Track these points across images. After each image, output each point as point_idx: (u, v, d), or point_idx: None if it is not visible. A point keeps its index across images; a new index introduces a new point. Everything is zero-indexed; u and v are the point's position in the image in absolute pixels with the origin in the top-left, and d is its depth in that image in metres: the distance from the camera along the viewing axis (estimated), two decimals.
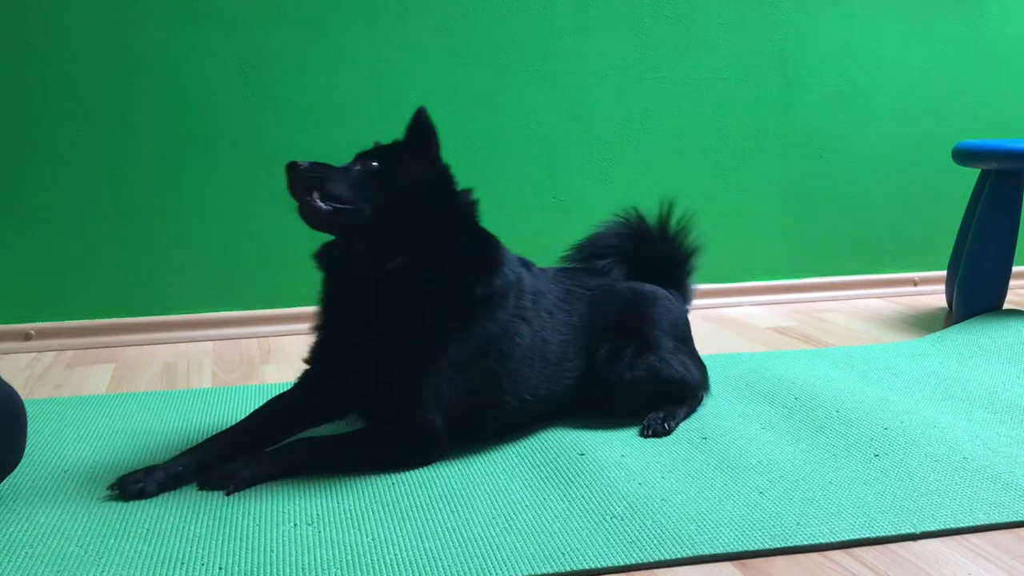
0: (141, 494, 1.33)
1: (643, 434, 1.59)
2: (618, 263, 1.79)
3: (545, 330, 1.59)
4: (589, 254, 1.80)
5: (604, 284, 1.73)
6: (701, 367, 1.76)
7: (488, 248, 1.57)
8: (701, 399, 1.73)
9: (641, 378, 1.63)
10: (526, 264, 1.66)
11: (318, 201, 1.43)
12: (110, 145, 2.25)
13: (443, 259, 1.50)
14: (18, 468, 1.42)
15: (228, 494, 1.34)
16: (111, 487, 1.35)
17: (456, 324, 1.48)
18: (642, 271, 1.80)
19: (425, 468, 1.45)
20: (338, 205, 1.45)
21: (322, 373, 1.54)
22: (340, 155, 2.39)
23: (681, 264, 1.87)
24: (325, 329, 1.55)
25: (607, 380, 1.63)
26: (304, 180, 1.43)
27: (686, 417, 1.67)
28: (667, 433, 1.60)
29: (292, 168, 1.44)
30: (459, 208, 1.55)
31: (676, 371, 1.67)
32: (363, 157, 1.53)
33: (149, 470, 1.37)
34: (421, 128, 1.54)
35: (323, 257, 1.53)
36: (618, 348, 1.65)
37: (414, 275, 1.48)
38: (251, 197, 2.36)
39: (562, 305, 1.65)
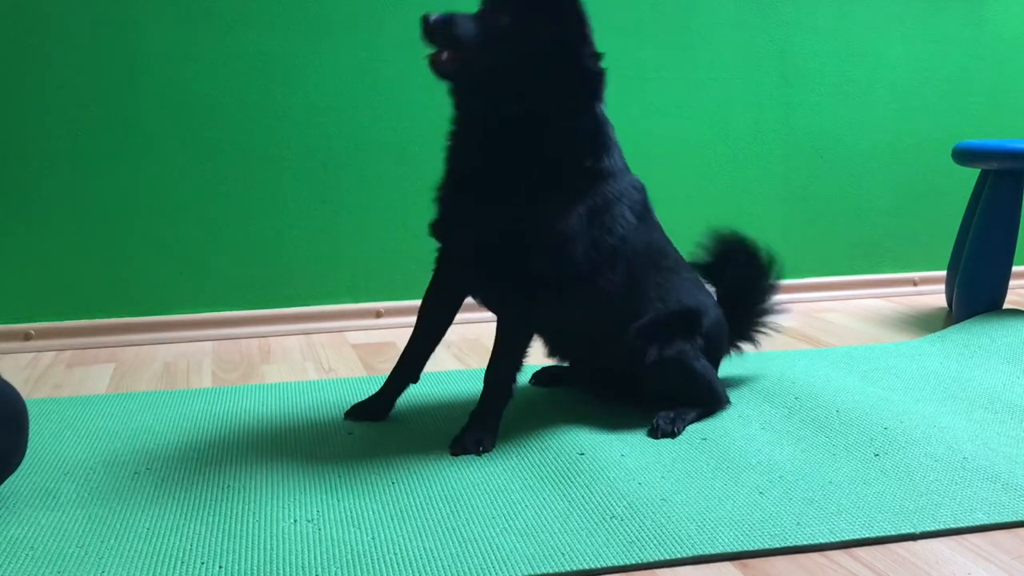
0: (369, 417, 1.67)
1: (652, 435, 1.59)
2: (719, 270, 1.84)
3: (647, 230, 1.64)
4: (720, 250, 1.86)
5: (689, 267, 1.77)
6: (719, 384, 1.75)
7: (603, 129, 1.58)
8: (715, 409, 1.71)
9: (668, 358, 1.62)
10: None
11: (444, 58, 1.48)
12: (110, 145, 2.25)
13: (557, 122, 1.52)
14: (18, 468, 1.42)
15: (480, 454, 1.50)
16: (348, 415, 1.68)
17: (563, 189, 1.52)
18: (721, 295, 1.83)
19: (425, 468, 1.45)
20: (463, 64, 1.49)
21: (446, 248, 1.64)
22: (340, 154, 2.41)
23: (757, 316, 1.87)
24: (447, 167, 1.60)
25: (639, 352, 1.62)
26: (433, 35, 1.47)
27: (696, 420, 1.66)
28: (674, 435, 1.59)
29: (424, 22, 1.47)
30: (583, 79, 1.55)
31: (703, 366, 1.67)
32: (495, 5, 1.52)
33: (366, 404, 1.68)
34: None
35: (453, 91, 1.58)
36: (663, 325, 1.64)
37: (526, 130, 1.51)
38: (251, 197, 2.36)
39: (659, 238, 1.70)
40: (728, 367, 1.98)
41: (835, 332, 2.39)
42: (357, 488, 1.37)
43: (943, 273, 2.81)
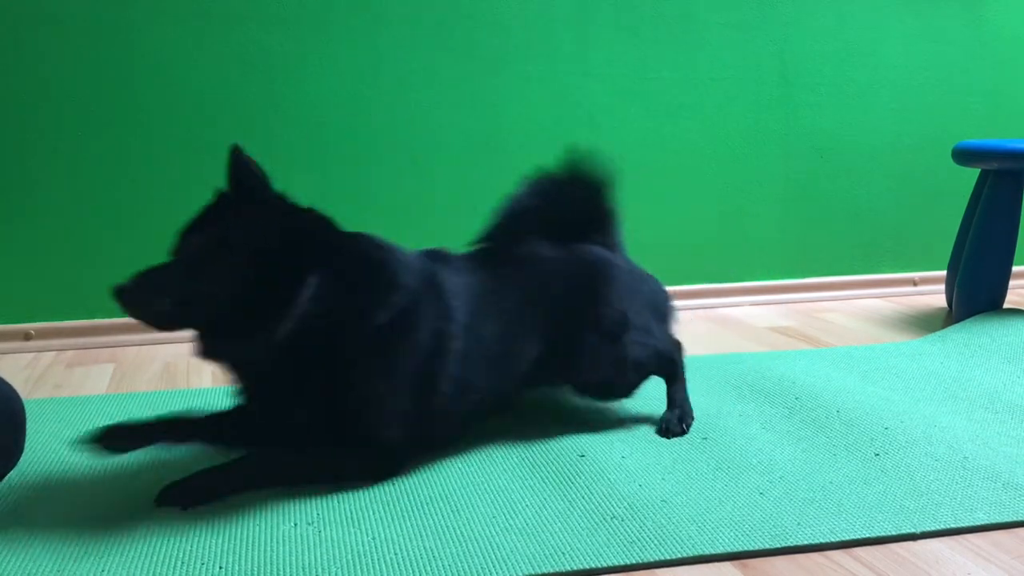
0: (115, 451, 1.36)
1: (664, 435, 1.58)
2: (539, 231, 1.63)
3: (478, 322, 1.48)
4: (506, 228, 1.63)
5: (536, 256, 1.59)
6: (669, 338, 1.69)
7: (371, 268, 1.40)
8: (678, 367, 1.69)
9: (611, 376, 1.60)
10: (439, 257, 1.52)
11: (164, 310, 1.31)
12: (110, 145, 2.25)
13: (328, 309, 1.34)
14: (18, 468, 1.42)
15: (184, 509, 1.28)
16: (94, 439, 1.33)
17: (375, 355, 1.36)
18: (567, 231, 1.65)
19: (424, 468, 1.45)
20: (178, 309, 1.31)
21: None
22: (339, 155, 2.41)
23: (605, 215, 1.71)
24: (246, 404, 1.44)
25: (576, 369, 1.58)
26: (139, 306, 1.31)
27: (683, 391, 1.67)
28: (685, 433, 1.59)
29: (119, 296, 1.31)
30: (319, 244, 1.38)
31: (636, 346, 1.60)
32: (187, 237, 1.36)
33: (124, 427, 1.36)
34: (242, 174, 1.39)
35: (203, 349, 1.37)
36: (575, 331, 1.57)
37: (309, 332, 1.33)
38: None
39: (492, 292, 1.52)
40: (728, 367, 1.98)
41: (835, 332, 2.38)
42: (357, 489, 1.37)
43: (943, 273, 2.81)
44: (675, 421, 1.61)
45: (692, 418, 1.64)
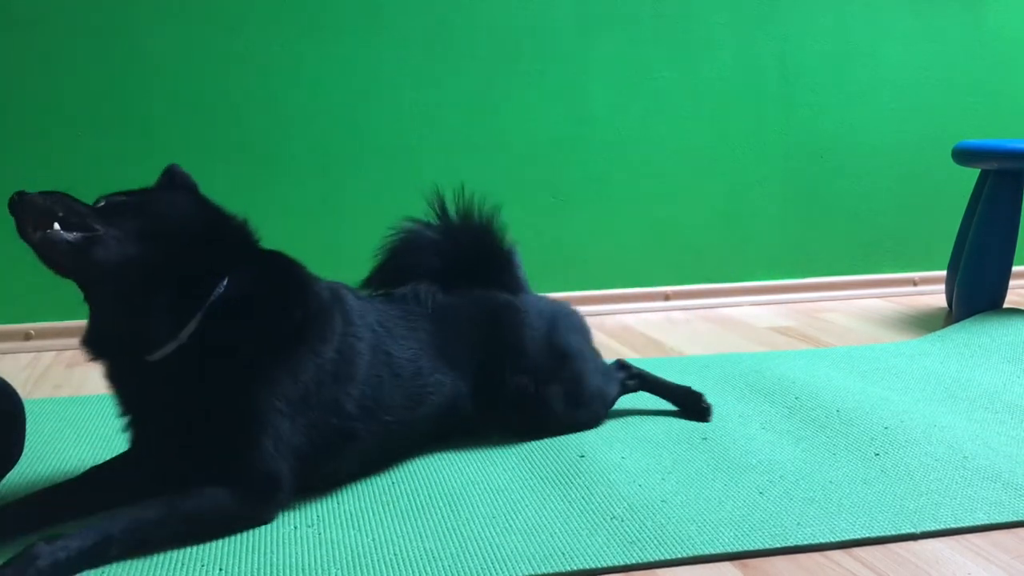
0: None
1: (707, 413, 1.66)
2: (427, 282, 1.56)
3: (386, 344, 1.41)
4: (389, 280, 1.59)
5: (440, 301, 1.54)
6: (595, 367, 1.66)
7: (288, 268, 1.38)
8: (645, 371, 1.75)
9: (566, 412, 1.58)
10: (342, 286, 1.47)
11: (60, 231, 1.19)
12: (110, 145, 2.25)
13: (244, 296, 1.28)
14: (18, 467, 1.42)
15: None
16: None
17: (281, 358, 1.28)
18: (464, 274, 1.60)
19: (424, 468, 1.45)
20: (87, 233, 1.20)
21: (144, 456, 1.32)
22: (341, 154, 2.41)
23: (503, 257, 1.66)
24: (133, 421, 1.31)
25: (518, 414, 1.55)
26: (37, 209, 1.19)
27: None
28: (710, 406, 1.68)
29: (18, 199, 1.18)
30: (238, 233, 1.36)
31: (601, 378, 1.64)
32: (107, 196, 1.30)
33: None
34: (173, 174, 1.38)
35: (93, 344, 1.32)
36: (497, 376, 1.53)
37: (219, 329, 1.25)
38: (250, 198, 2.35)
39: (399, 321, 1.46)
40: (728, 367, 1.98)
41: (835, 332, 2.39)
42: (357, 490, 1.37)
43: (943, 273, 2.81)
44: (696, 399, 1.67)
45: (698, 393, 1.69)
